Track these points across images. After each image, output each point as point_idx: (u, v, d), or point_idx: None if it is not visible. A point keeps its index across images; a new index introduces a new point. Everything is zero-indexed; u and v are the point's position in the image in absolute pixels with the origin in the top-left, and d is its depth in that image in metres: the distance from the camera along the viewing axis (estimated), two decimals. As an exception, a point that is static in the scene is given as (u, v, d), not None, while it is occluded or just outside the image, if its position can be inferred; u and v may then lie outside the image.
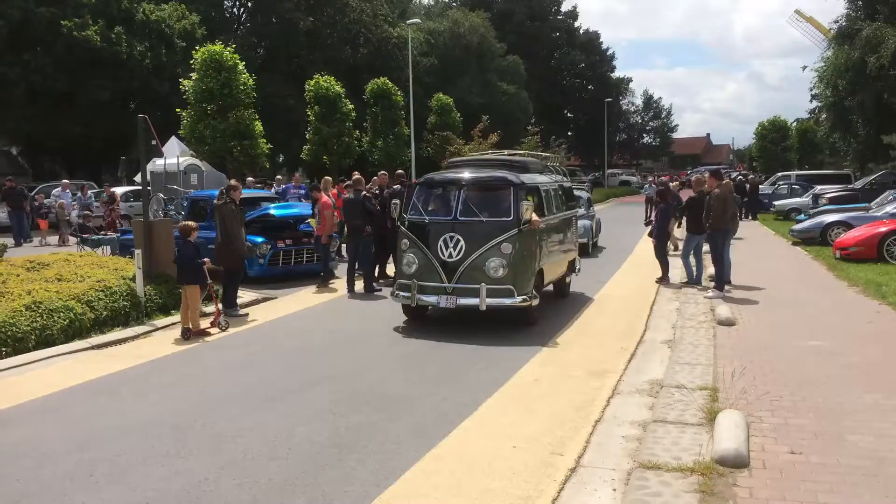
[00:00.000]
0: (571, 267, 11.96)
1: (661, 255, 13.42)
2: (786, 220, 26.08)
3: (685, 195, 18.15)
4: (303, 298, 12.14)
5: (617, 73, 79.86)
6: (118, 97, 34.40)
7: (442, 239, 9.12)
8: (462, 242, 9.03)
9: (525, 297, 9.08)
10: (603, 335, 9.12)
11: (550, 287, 11.20)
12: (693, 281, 12.61)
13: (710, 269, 13.24)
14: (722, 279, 11.66)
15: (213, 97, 21.98)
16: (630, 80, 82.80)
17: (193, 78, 22.25)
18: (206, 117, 22.06)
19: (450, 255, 9.05)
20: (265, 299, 11.93)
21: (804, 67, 79.52)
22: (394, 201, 10.25)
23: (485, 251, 9.00)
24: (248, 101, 22.92)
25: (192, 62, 22.98)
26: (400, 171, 17.05)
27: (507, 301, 8.96)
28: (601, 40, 76.24)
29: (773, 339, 8.34)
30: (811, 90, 38.41)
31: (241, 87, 22.51)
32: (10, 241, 19.78)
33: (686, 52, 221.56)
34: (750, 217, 27.49)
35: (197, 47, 23.92)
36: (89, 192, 24.29)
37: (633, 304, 11.22)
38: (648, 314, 10.37)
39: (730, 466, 4.70)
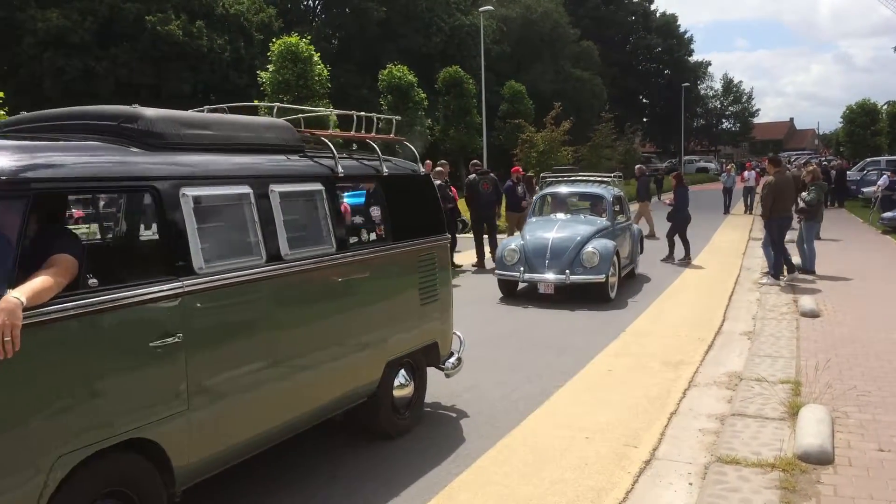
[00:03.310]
0: (421, 359, 5.65)
1: (682, 237, 13.95)
2: (873, 207, 24.89)
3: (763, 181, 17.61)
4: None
5: (695, 57, 77.69)
6: (199, 90, 35.47)
7: None
8: None
9: None
10: (679, 325, 8.91)
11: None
12: (802, 268, 12.09)
13: (793, 258, 12.81)
14: (779, 267, 11.34)
15: (290, 88, 22.35)
16: (709, 63, 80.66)
17: (270, 70, 22.67)
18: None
19: None
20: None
21: (896, 47, 75.46)
22: None
23: None
24: (323, 91, 23.24)
25: (268, 54, 23.42)
26: (475, 160, 17.07)
27: None
28: (678, 23, 74.27)
29: (861, 332, 7.99)
30: (904, 71, 36.48)
31: (317, 78, 22.82)
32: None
33: (768, 34, 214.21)
34: (836, 204, 26.39)
35: (274, 40, 24.37)
36: None
37: (711, 293, 10.92)
38: (727, 304, 10.09)
39: (813, 463, 4.54)
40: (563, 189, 12.59)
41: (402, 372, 5.39)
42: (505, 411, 5.89)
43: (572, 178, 13.60)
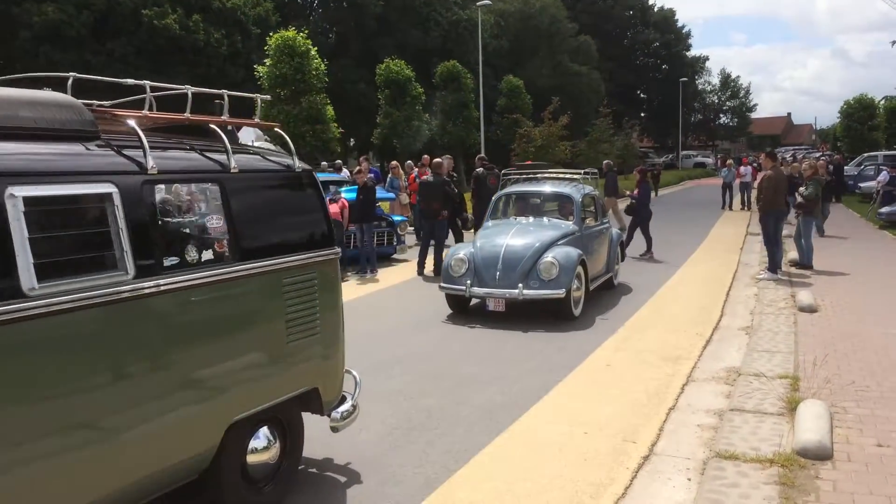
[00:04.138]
0: (293, 412, 4.43)
1: (633, 232, 14.29)
2: (873, 202, 24.92)
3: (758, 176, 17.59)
4: (373, 280, 12.24)
5: (693, 52, 77.40)
6: (196, 84, 35.17)
7: None
8: None
9: None
10: (677, 320, 8.91)
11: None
12: (800, 263, 12.14)
13: (791, 254, 12.84)
14: (775, 261, 11.39)
15: (287, 83, 22.34)
16: (706, 58, 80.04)
17: (267, 64, 22.65)
18: (279, 103, 22.46)
19: None
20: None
21: (893, 42, 75.61)
22: None
23: None
24: (320, 86, 23.21)
25: (266, 48, 23.40)
26: (481, 154, 17.19)
27: None
28: (676, 18, 74.12)
29: (859, 327, 7.99)
30: (901, 66, 36.53)
31: (314, 73, 22.79)
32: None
33: (765, 29, 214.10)
34: (834, 199, 26.39)
35: (271, 34, 24.30)
36: None
37: (709, 289, 10.91)
38: (725, 299, 10.08)
39: (812, 458, 4.54)
40: (525, 188, 11.02)
41: (264, 431, 4.15)
42: (503, 406, 5.88)
43: (538, 175, 11.82)
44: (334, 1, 47.64)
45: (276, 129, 4.97)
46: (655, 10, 73.51)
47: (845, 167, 29.89)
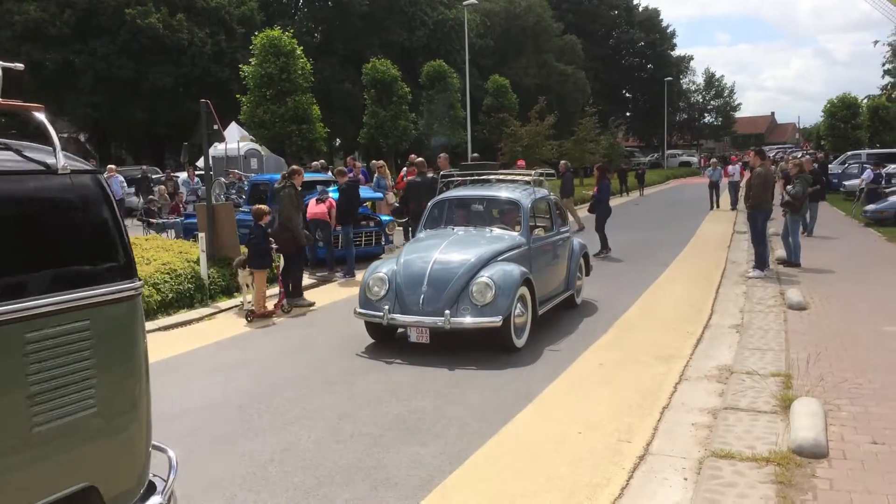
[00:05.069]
0: None
1: (600, 230, 14.33)
2: (857, 200, 25.09)
3: (746, 175, 17.64)
4: (356, 283, 12.12)
5: (677, 52, 77.85)
6: (180, 83, 35.14)
7: None
8: None
9: None
10: (668, 319, 8.89)
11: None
12: (787, 261, 12.20)
13: (778, 252, 12.88)
14: (763, 259, 11.46)
15: (272, 82, 22.24)
16: (691, 58, 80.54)
17: (252, 63, 22.54)
18: (265, 102, 22.37)
19: None
20: (325, 282, 12.02)
21: (875, 42, 76.25)
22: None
23: None
24: (306, 85, 23.13)
25: (251, 48, 23.30)
26: (475, 153, 17.11)
27: None
28: (660, 17, 74.51)
29: (849, 324, 8.01)
30: (883, 65, 36.90)
31: (299, 72, 22.70)
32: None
33: (749, 28, 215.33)
34: (818, 197, 26.56)
35: (256, 33, 24.18)
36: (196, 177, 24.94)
37: (698, 287, 10.92)
38: (714, 298, 10.09)
39: (808, 456, 4.51)
40: (466, 193, 9.42)
41: None
42: (497, 407, 5.83)
43: (482, 176, 10.02)
44: (319, 0, 47.48)
45: (40, 117, 2.95)
46: (640, 9, 73.84)
47: (829, 165, 30.07)
